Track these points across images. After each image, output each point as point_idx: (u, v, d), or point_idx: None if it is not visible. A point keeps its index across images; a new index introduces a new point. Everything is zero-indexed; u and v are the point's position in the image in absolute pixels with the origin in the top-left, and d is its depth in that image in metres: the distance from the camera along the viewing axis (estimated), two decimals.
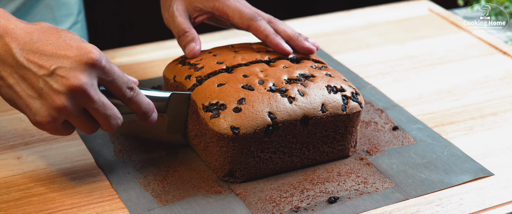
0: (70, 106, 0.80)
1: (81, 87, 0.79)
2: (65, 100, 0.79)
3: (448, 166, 0.92)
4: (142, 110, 0.86)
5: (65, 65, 0.79)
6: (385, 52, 1.23)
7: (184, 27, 0.99)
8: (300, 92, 0.89)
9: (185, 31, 0.98)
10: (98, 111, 0.82)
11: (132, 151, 0.94)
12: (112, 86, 0.83)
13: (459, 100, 1.08)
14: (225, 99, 0.88)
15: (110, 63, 0.82)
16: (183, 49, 0.98)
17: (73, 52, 0.80)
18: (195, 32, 0.99)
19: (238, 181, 0.89)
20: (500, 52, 1.23)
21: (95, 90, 0.81)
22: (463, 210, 0.85)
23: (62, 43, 0.80)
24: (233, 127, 0.86)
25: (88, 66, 0.80)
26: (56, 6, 1.22)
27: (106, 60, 0.81)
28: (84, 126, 0.83)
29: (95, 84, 0.81)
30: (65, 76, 0.79)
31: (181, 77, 0.94)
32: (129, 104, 0.85)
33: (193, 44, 0.97)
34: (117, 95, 0.84)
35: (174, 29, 1.00)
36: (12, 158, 0.93)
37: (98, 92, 0.81)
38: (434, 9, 1.38)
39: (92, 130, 0.84)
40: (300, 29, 1.21)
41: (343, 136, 0.92)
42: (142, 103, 0.86)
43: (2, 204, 0.85)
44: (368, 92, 1.09)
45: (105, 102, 0.82)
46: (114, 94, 0.84)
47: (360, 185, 0.89)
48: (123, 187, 0.88)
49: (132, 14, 2.11)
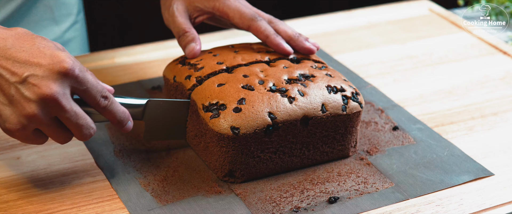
0: (40, 114, 0.79)
1: (53, 96, 0.79)
2: (35, 109, 0.79)
3: (448, 166, 0.92)
4: (117, 119, 0.86)
5: (38, 73, 0.79)
6: (385, 52, 1.23)
7: (184, 27, 0.99)
8: (300, 92, 0.89)
9: (185, 31, 0.98)
10: (70, 120, 0.81)
11: (132, 151, 0.94)
12: (86, 95, 0.82)
13: (459, 100, 1.08)
14: (225, 100, 0.87)
15: (84, 72, 0.81)
16: (183, 49, 0.98)
17: (46, 60, 0.79)
18: (195, 32, 0.99)
19: (238, 181, 0.89)
20: (500, 52, 1.23)
21: (67, 99, 0.80)
22: (463, 210, 0.85)
23: (35, 50, 0.80)
24: (233, 127, 0.85)
25: (61, 75, 0.79)
26: (55, 6, 1.22)
27: (80, 69, 0.80)
28: (56, 135, 0.83)
29: (68, 94, 0.80)
30: (36, 85, 0.78)
31: (181, 78, 0.94)
32: (104, 113, 0.85)
33: (193, 44, 0.97)
34: (91, 104, 0.83)
35: (174, 29, 1.00)
36: (12, 158, 0.93)
37: (70, 102, 0.80)
38: (434, 9, 1.38)
39: (65, 139, 0.84)
40: (300, 29, 1.21)
41: (343, 136, 0.92)
42: (117, 112, 0.85)
43: (2, 204, 0.85)
44: (368, 92, 1.09)
45: (78, 111, 0.81)
46: (88, 103, 0.83)
47: (360, 185, 0.89)
48: (123, 187, 0.88)
49: (132, 14, 2.11)
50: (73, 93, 0.82)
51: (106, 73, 1.14)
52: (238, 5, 0.99)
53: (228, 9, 0.99)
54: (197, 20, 1.01)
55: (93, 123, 0.84)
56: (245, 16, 0.98)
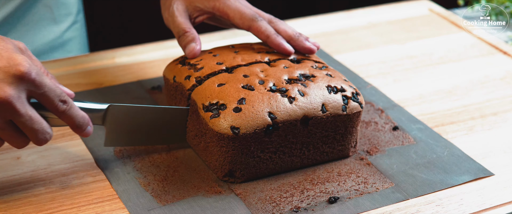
0: None
1: (7, 99, 0.77)
2: None
3: (448, 166, 0.92)
4: (76, 123, 0.84)
5: None
6: (385, 52, 1.23)
7: (184, 27, 0.99)
8: (300, 92, 0.89)
9: (185, 31, 0.98)
10: (25, 124, 0.80)
11: (132, 151, 0.94)
12: (44, 99, 0.81)
13: (459, 100, 1.08)
14: (225, 99, 0.87)
15: (41, 76, 0.80)
16: (183, 49, 0.98)
17: (2, 62, 0.78)
18: (195, 32, 0.99)
19: (238, 181, 0.89)
20: (501, 52, 1.23)
21: (22, 103, 0.79)
22: (463, 210, 0.85)
23: None
24: (233, 126, 0.85)
25: (16, 79, 0.78)
26: (55, 5, 1.21)
27: (37, 73, 0.79)
28: (11, 139, 0.81)
29: (23, 97, 0.79)
30: None
31: (180, 78, 0.94)
32: (62, 118, 0.83)
33: (193, 44, 0.97)
34: (50, 108, 0.82)
35: (174, 29, 1.00)
36: (12, 158, 0.93)
37: (26, 106, 0.79)
38: (434, 9, 1.38)
39: (21, 144, 0.82)
40: (300, 29, 1.21)
41: (343, 136, 0.92)
42: (76, 116, 0.84)
43: (2, 204, 0.85)
44: (368, 92, 1.09)
45: (33, 116, 0.80)
46: (46, 107, 0.82)
47: (360, 185, 0.89)
48: (123, 187, 0.88)
49: (132, 14, 2.11)
50: (30, 97, 0.80)
51: (106, 73, 1.14)
52: (239, 5, 0.99)
53: (228, 9, 0.99)
54: (197, 20, 1.01)
55: (50, 127, 0.82)
56: (245, 17, 0.98)
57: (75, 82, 1.10)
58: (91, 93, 1.07)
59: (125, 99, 1.06)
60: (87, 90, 1.08)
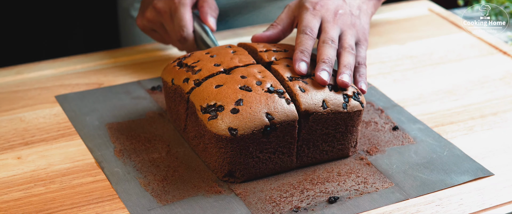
0: None
1: None
2: None
3: (448, 166, 0.92)
4: None
5: None
6: (385, 52, 1.23)
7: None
8: (301, 88, 0.89)
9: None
10: None
11: (132, 151, 0.94)
12: None
13: (459, 100, 1.08)
14: (222, 101, 0.87)
15: None
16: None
17: None
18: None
19: (238, 181, 0.89)
20: (500, 52, 1.23)
21: None
22: (463, 210, 0.85)
23: None
24: (231, 128, 0.85)
25: None
26: None
27: None
28: None
29: None
30: None
31: (179, 80, 0.94)
32: None
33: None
34: None
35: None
36: (12, 158, 0.93)
37: None
38: (434, 9, 1.38)
39: None
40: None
41: (344, 135, 0.92)
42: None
43: (2, 204, 0.85)
44: (368, 92, 1.09)
45: None
46: None
47: (360, 185, 0.89)
48: (123, 187, 0.88)
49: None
50: None
51: (106, 73, 1.14)
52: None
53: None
54: None
55: None
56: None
57: (75, 83, 1.11)
58: (91, 93, 1.07)
59: (125, 99, 1.06)
60: (87, 90, 1.08)
